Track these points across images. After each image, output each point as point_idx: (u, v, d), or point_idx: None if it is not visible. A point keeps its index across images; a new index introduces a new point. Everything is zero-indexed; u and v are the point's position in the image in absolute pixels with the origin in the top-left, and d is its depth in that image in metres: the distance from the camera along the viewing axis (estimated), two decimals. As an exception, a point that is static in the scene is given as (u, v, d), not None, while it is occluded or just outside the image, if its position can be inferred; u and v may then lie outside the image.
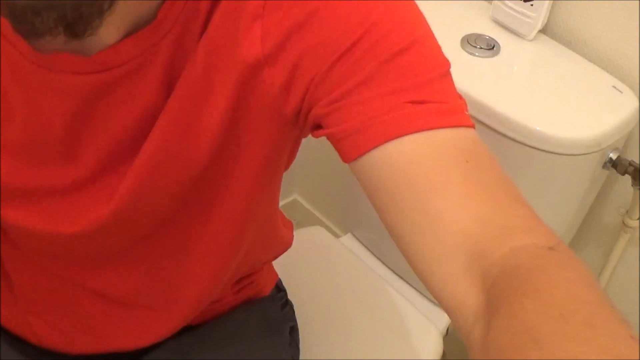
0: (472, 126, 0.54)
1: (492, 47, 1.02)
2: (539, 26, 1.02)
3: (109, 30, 0.52)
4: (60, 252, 0.68)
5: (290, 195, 1.77)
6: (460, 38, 1.03)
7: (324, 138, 0.56)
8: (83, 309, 0.74)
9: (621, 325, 0.39)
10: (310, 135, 0.60)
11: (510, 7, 1.03)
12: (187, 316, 0.76)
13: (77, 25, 0.46)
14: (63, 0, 0.44)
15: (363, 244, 1.29)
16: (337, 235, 1.36)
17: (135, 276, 0.71)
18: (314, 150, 1.46)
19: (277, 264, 0.93)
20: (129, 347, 0.77)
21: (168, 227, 0.67)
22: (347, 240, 1.31)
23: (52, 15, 0.44)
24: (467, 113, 0.54)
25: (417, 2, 0.57)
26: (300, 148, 0.69)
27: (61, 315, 0.75)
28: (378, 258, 1.27)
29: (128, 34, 0.53)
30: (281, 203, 1.74)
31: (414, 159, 0.51)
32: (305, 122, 0.57)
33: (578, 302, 0.40)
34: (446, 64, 0.56)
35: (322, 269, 1.17)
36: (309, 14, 0.53)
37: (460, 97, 0.55)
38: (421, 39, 0.55)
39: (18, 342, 0.78)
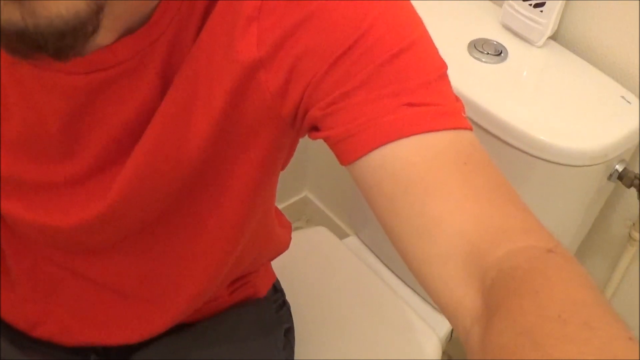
0: (470, 128, 0.54)
1: (499, 52, 1.00)
2: (549, 32, 1.01)
3: (104, 32, 0.51)
4: (57, 242, 0.69)
5: (301, 192, 1.77)
6: (467, 43, 1.01)
7: None
8: (79, 296, 0.75)
9: (619, 326, 0.39)
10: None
11: (520, 13, 1.01)
12: (181, 312, 0.76)
13: (60, 50, 0.45)
14: (46, 30, 0.43)
15: (367, 246, 1.29)
16: (346, 233, 1.36)
17: (132, 267, 0.72)
18: (325, 146, 1.46)
19: (277, 265, 0.93)
20: (123, 340, 0.77)
21: (162, 223, 0.67)
22: (351, 242, 1.30)
23: (33, 40, 0.43)
24: (464, 115, 0.54)
25: (427, 3, 0.56)
26: (312, 144, 0.69)
27: (58, 303, 0.75)
28: (382, 261, 1.26)
29: (123, 35, 0.53)
30: (292, 200, 1.74)
31: (411, 162, 0.51)
32: (302, 124, 0.57)
33: (576, 304, 0.41)
34: (443, 66, 0.55)
35: (323, 271, 1.17)
36: (305, 16, 0.53)
37: (457, 99, 0.55)
38: (417, 42, 0.54)
39: (13, 332, 0.79)
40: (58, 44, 0.44)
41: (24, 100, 0.57)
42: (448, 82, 0.55)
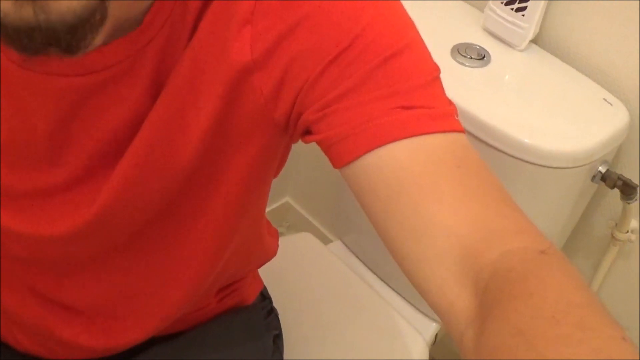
0: (463, 131, 0.54)
1: (482, 57, 1.01)
2: (530, 36, 1.01)
3: None
4: (40, 255, 0.67)
5: (282, 198, 1.77)
6: (450, 47, 1.02)
7: None
8: (54, 319, 0.73)
9: (612, 326, 0.39)
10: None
11: (502, 17, 1.02)
12: (164, 324, 0.75)
13: (71, 44, 0.45)
14: (58, 25, 0.43)
15: (352, 251, 1.29)
16: (328, 239, 1.36)
17: (115, 282, 0.70)
18: (306, 152, 1.47)
19: (264, 272, 0.93)
20: (106, 352, 0.76)
21: (150, 231, 0.66)
22: (336, 247, 1.30)
23: (45, 36, 0.43)
24: (457, 118, 0.55)
25: (409, 9, 0.57)
26: (294, 149, 0.69)
27: (36, 326, 0.74)
28: (366, 265, 1.26)
29: (114, 38, 0.53)
30: (273, 205, 1.73)
31: (405, 164, 0.51)
32: (295, 127, 0.57)
33: (570, 305, 0.41)
34: (436, 69, 0.56)
35: (309, 277, 1.17)
36: (299, 19, 0.53)
37: (450, 102, 0.55)
38: (411, 45, 0.55)
39: (6, 349, 0.78)
40: (69, 37, 0.44)
41: (12, 103, 0.56)
42: (441, 85, 0.55)
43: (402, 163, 0.51)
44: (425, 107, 0.53)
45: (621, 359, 0.37)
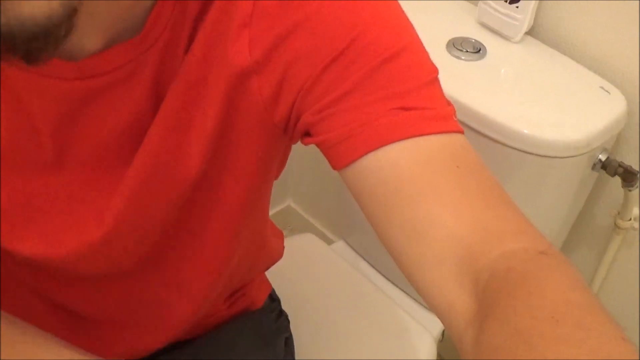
0: (461, 132, 0.54)
1: (478, 50, 1.01)
2: (525, 28, 1.02)
3: (91, 36, 0.51)
4: (45, 273, 0.67)
5: (284, 202, 1.77)
6: (446, 42, 1.03)
7: None
8: (61, 327, 0.72)
9: (612, 326, 0.40)
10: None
11: (496, 10, 1.02)
12: (176, 332, 0.75)
13: (32, 54, 0.43)
14: (17, 31, 0.41)
15: (355, 251, 1.29)
16: (330, 241, 1.36)
17: (125, 293, 0.70)
18: (307, 155, 1.46)
19: (269, 273, 0.93)
20: None
21: (159, 243, 0.65)
22: (340, 247, 1.30)
23: (5, 43, 0.42)
24: (455, 119, 0.55)
25: (403, 4, 0.57)
26: (294, 153, 0.69)
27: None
28: (371, 265, 1.26)
29: (115, 43, 0.52)
30: (275, 209, 1.73)
31: (404, 165, 0.51)
32: (294, 129, 0.57)
33: (569, 305, 0.41)
34: (434, 70, 0.56)
35: (315, 277, 1.17)
36: (297, 22, 0.53)
37: (448, 103, 0.55)
38: (409, 46, 0.54)
39: None
40: (28, 46, 0.42)
41: (13, 106, 0.56)
42: (439, 86, 0.55)
43: (400, 164, 0.51)
44: (424, 109, 0.53)
45: (620, 359, 0.37)
